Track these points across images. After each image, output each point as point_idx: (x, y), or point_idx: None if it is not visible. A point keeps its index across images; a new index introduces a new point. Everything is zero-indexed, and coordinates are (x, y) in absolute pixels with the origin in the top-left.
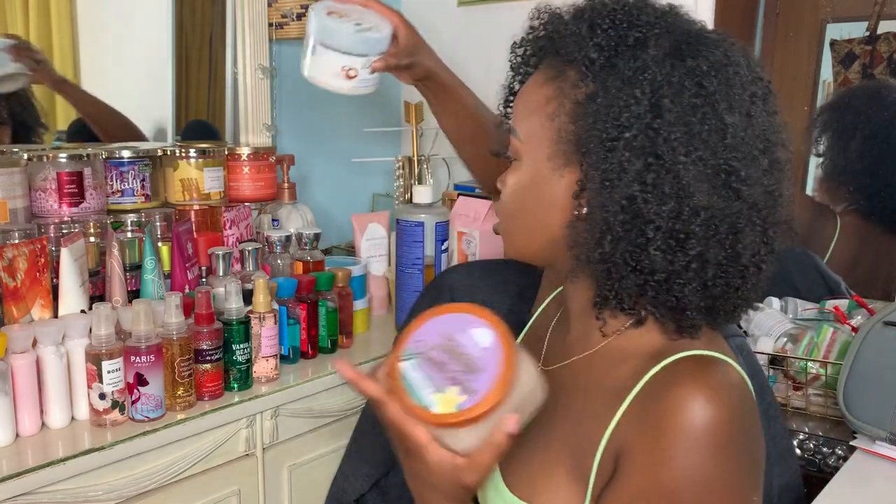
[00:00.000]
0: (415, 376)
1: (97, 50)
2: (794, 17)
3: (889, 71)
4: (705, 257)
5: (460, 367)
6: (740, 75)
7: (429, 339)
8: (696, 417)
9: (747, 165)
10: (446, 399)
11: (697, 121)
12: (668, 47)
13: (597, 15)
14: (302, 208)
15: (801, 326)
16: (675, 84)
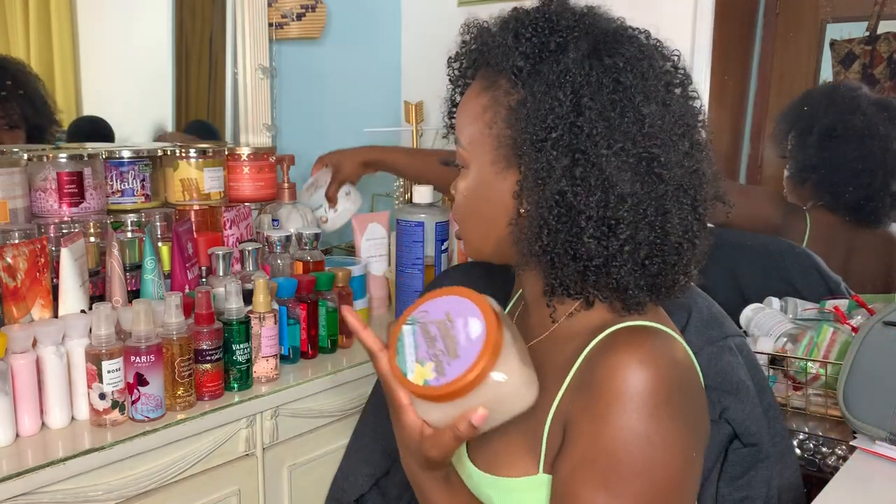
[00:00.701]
0: (408, 341)
1: (97, 50)
2: (794, 17)
3: (889, 71)
4: (637, 239)
5: (445, 347)
6: (654, 67)
7: (433, 312)
8: (630, 380)
9: (667, 151)
10: (420, 371)
11: (617, 115)
12: (586, 48)
13: (520, 24)
14: (302, 208)
15: (800, 326)
16: (593, 83)
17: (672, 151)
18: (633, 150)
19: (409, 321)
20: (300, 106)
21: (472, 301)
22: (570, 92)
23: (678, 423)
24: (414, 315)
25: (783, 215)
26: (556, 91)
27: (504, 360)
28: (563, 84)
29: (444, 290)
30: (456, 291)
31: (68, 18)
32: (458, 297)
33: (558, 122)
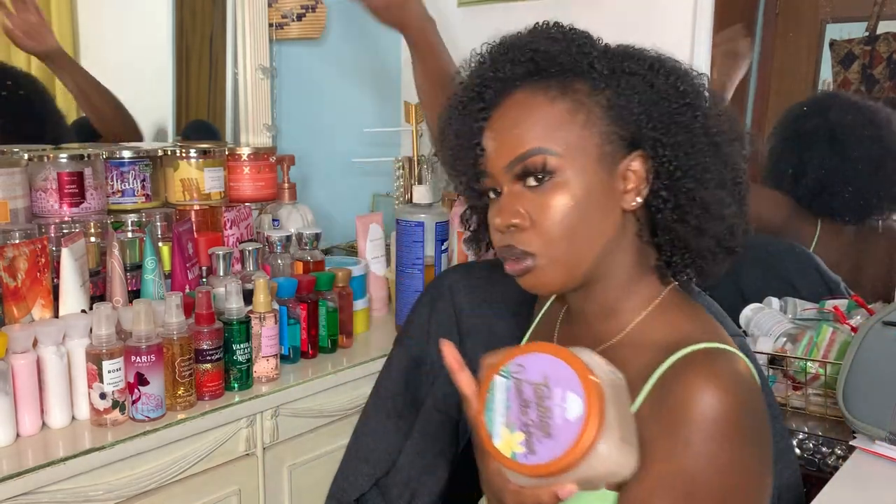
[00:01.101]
0: (499, 397)
1: (97, 50)
2: (794, 17)
3: (889, 71)
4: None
5: (538, 419)
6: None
7: (530, 370)
8: (710, 407)
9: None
10: (509, 440)
11: (706, 98)
12: (621, 54)
13: (568, 35)
14: (302, 208)
15: (800, 326)
16: (676, 71)
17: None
18: (727, 127)
19: (503, 372)
20: (300, 106)
21: (574, 370)
22: (666, 75)
23: (753, 448)
24: (509, 367)
25: (788, 217)
26: (654, 79)
27: (602, 440)
28: (649, 77)
29: (544, 347)
30: (558, 352)
31: (68, 18)
32: (560, 359)
33: (675, 102)
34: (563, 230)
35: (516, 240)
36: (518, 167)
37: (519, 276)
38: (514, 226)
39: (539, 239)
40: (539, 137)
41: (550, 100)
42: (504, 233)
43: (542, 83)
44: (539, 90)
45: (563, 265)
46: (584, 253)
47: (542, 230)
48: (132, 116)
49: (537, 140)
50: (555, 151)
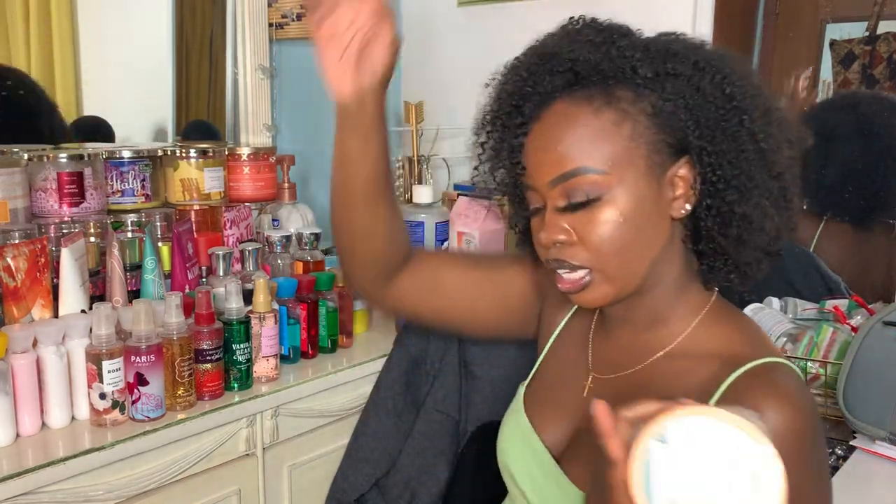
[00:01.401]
0: (656, 469)
1: (97, 50)
2: (794, 17)
3: (889, 71)
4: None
5: (708, 496)
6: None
7: (693, 436)
8: (786, 430)
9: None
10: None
11: (756, 96)
12: (689, 45)
13: (607, 36)
14: (302, 208)
15: (800, 326)
16: (723, 69)
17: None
18: (775, 129)
19: (660, 437)
20: (300, 106)
21: (751, 437)
22: (712, 76)
23: (824, 460)
24: (667, 432)
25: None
26: (700, 81)
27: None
28: (696, 79)
29: (698, 409)
30: (719, 415)
31: (68, 18)
32: (733, 426)
33: (722, 110)
34: (613, 246)
35: (566, 254)
36: (562, 185)
37: (574, 292)
38: (559, 242)
39: (589, 254)
40: (583, 154)
41: (594, 111)
42: (550, 248)
43: (584, 93)
44: (581, 101)
45: (617, 279)
46: (636, 266)
47: (591, 246)
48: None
49: (582, 157)
50: (600, 169)
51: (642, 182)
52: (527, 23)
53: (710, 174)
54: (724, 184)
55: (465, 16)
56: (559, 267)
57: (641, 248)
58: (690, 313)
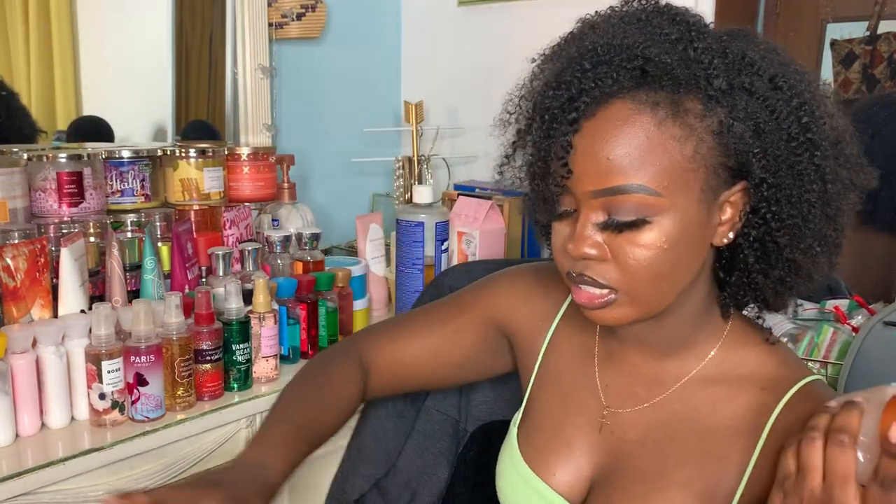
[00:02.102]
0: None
1: (97, 51)
2: (794, 17)
3: (889, 71)
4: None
5: None
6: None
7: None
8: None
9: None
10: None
11: (829, 111)
12: (763, 49)
13: (684, 36)
14: (302, 208)
15: (801, 326)
16: (795, 85)
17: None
18: (844, 170)
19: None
20: (300, 106)
21: None
22: (784, 105)
23: None
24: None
25: None
26: (773, 97)
27: None
28: (771, 98)
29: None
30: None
31: (68, 18)
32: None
33: (794, 139)
34: (649, 273)
35: (594, 271)
36: (606, 199)
37: (591, 308)
38: (589, 258)
39: (620, 276)
40: (639, 170)
41: (658, 122)
42: (577, 261)
43: (650, 97)
44: (645, 107)
45: (643, 304)
46: (667, 294)
47: (625, 268)
48: None
49: (636, 173)
50: (654, 190)
51: (693, 207)
52: (527, 23)
53: (764, 208)
54: (778, 222)
55: (465, 16)
56: (581, 282)
57: (678, 276)
58: (713, 336)
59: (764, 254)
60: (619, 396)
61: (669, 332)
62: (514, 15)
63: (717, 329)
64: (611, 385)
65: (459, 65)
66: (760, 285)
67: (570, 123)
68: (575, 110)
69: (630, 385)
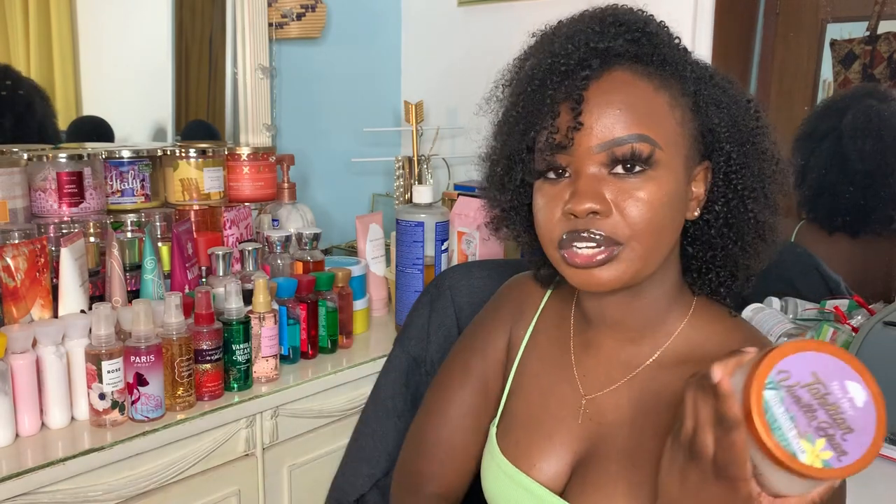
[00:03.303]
0: (778, 412)
1: (97, 50)
2: (794, 17)
3: (889, 71)
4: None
5: (828, 418)
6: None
7: (796, 374)
8: None
9: None
10: (812, 451)
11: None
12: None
13: (664, 30)
14: (302, 208)
15: (801, 326)
16: (744, 93)
17: None
18: (785, 165)
19: (769, 385)
20: (300, 106)
21: (837, 358)
22: (732, 94)
23: None
24: (772, 378)
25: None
26: (729, 91)
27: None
28: (730, 86)
29: (787, 347)
30: (805, 347)
31: (68, 18)
32: (814, 353)
33: (745, 117)
34: (651, 225)
35: (599, 226)
36: (613, 150)
37: (593, 266)
38: (595, 212)
39: (624, 228)
40: (645, 125)
41: (654, 89)
42: (581, 217)
43: (644, 69)
44: (642, 76)
45: (641, 260)
46: (661, 253)
47: (631, 220)
48: None
49: (644, 127)
50: (657, 142)
51: (681, 172)
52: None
53: (734, 179)
54: (745, 192)
55: (465, 16)
56: (586, 241)
57: (669, 236)
58: (681, 315)
59: (727, 225)
60: (596, 382)
61: (644, 313)
62: (514, 15)
63: (685, 308)
64: (588, 374)
65: (459, 65)
66: (732, 254)
67: (582, 79)
68: (588, 67)
69: (606, 370)
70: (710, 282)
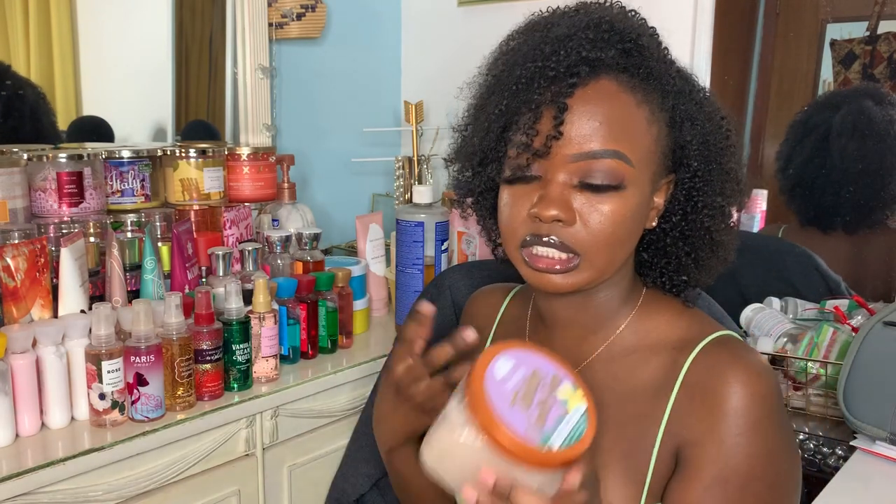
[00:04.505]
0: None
1: (97, 50)
2: (794, 17)
3: (889, 71)
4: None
5: (539, 411)
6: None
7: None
8: (754, 397)
9: None
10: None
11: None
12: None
13: (655, 39)
14: (302, 208)
15: (801, 326)
16: (718, 109)
17: None
18: (746, 178)
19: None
20: (300, 106)
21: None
22: (715, 111)
23: (789, 426)
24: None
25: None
26: (706, 106)
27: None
28: (706, 102)
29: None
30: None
31: (68, 18)
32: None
33: (717, 134)
34: (613, 239)
35: (562, 234)
36: (587, 163)
37: (553, 272)
38: (560, 220)
39: (585, 239)
40: (620, 140)
41: (636, 103)
42: (546, 223)
43: (629, 81)
44: (626, 88)
45: (598, 270)
46: (617, 262)
47: (593, 232)
48: None
49: (618, 142)
50: (630, 160)
51: (647, 186)
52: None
53: (696, 196)
54: (705, 209)
55: (465, 16)
56: (546, 245)
57: (627, 247)
58: (630, 309)
59: (683, 237)
60: None
61: (597, 312)
62: (514, 15)
63: (635, 301)
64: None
65: (460, 65)
66: (685, 264)
67: (569, 87)
68: (576, 75)
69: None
70: (663, 284)
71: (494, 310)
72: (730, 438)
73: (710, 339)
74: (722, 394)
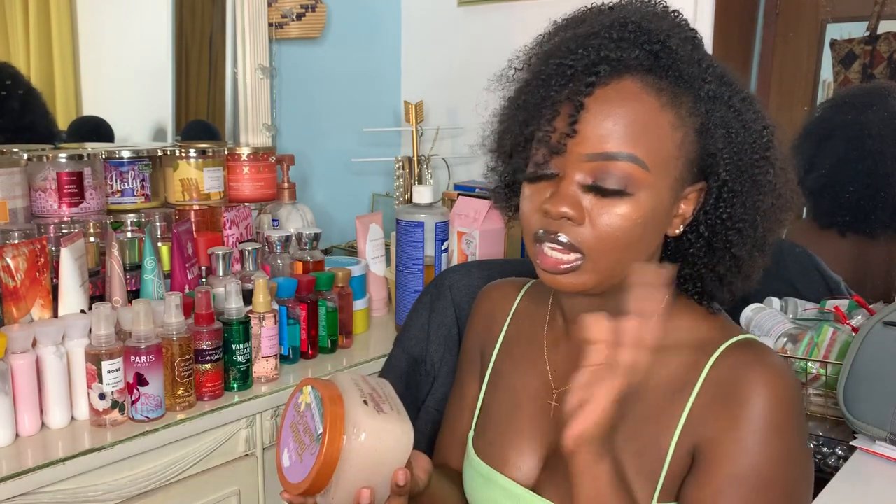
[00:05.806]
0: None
1: (97, 50)
2: (794, 17)
3: (889, 71)
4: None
5: (303, 438)
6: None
7: (299, 405)
8: (777, 399)
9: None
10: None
11: (784, 149)
12: (721, 69)
13: (691, 40)
14: (302, 208)
15: (801, 326)
16: (751, 99)
17: None
18: (788, 190)
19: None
20: (300, 106)
21: (313, 386)
22: (755, 119)
23: (806, 432)
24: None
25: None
26: (745, 114)
27: (353, 424)
28: (747, 109)
29: (307, 381)
30: (312, 382)
31: (68, 18)
32: (311, 385)
33: (756, 143)
34: (619, 243)
35: (569, 232)
36: (599, 164)
37: (557, 273)
38: (568, 217)
39: (590, 240)
40: (637, 142)
41: (661, 106)
42: (554, 219)
43: (656, 83)
44: (651, 89)
45: (603, 273)
46: (623, 267)
47: (600, 234)
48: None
49: (634, 145)
50: (646, 164)
51: (666, 192)
52: (527, 23)
53: (721, 208)
54: (731, 222)
55: (465, 16)
56: (552, 242)
57: (637, 252)
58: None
59: (710, 249)
60: (567, 375)
61: (619, 309)
62: (514, 15)
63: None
64: (558, 367)
65: (459, 65)
66: (704, 277)
67: (587, 85)
68: (595, 74)
69: (576, 362)
70: (686, 290)
71: (508, 303)
72: (749, 438)
73: (734, 342)
74: (744, 394)
